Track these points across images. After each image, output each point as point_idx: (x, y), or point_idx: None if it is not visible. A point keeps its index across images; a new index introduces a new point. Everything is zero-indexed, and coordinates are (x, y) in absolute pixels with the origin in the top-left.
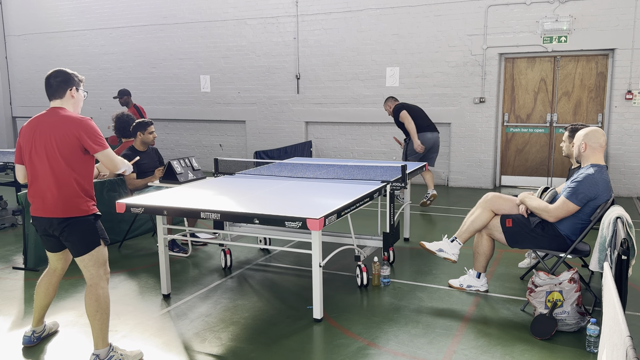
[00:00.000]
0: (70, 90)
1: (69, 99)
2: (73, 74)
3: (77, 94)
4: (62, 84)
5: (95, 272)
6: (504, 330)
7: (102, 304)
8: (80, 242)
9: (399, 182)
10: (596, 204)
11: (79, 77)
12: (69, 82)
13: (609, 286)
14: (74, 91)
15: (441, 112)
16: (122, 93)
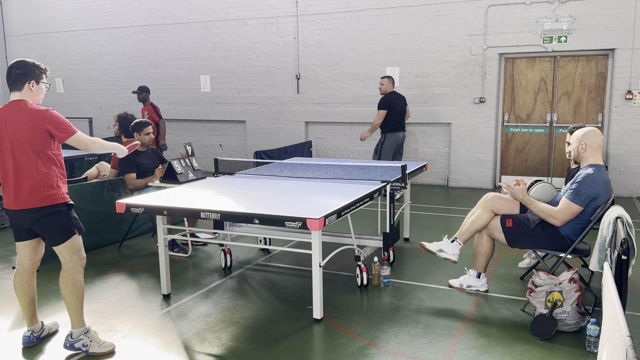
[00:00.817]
0: (29, 83)
1: (28, 91)
2: (35, 65)
3: (36, 87)
4: (20, 76)
5: (69, 258)
6: (504, 330)
7: (77, 288)
8: (56, 233)
9: (399, 182)
10: (597, 204)
11: (42, 68)
12: (28, 75)
13: (609, 286)
14: (33, 84)
15: (441, 112)
16: (141, 89)
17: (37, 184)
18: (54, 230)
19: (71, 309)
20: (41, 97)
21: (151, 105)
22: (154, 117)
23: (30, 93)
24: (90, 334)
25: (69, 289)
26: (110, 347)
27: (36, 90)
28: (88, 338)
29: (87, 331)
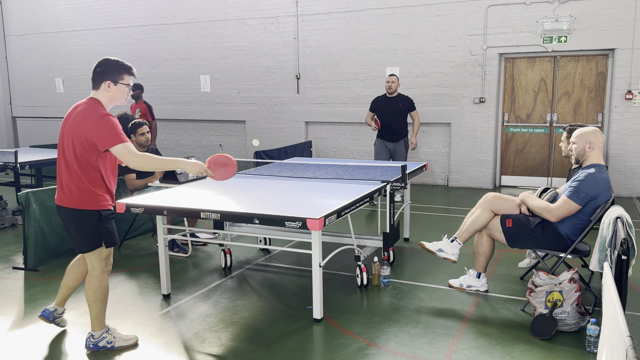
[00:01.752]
0: (105, 82)
1: (103, 91)
2: (116, 64)
3: (113, 87)
4: (98, 75)
5: (97, 265)
6: (504, 330)
7: (103, 295)
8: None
9: (399, 182)
10: (597, 204)
11: (124, 67)
12: (105, 74)
13: (609, 286)
14: (110, 85)
15: (441, 112)
16: (136, 86)
17: (79, 185)
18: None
19: (94, 312)
20: (120, 97)
21: (145, 104)
22: (148, 117)
23: (106, 93)
24: (112, 330)
25: (95, 295)
26: (134, 339)
27: (113, 91)
28: (111, 335)
29: (107, 329)
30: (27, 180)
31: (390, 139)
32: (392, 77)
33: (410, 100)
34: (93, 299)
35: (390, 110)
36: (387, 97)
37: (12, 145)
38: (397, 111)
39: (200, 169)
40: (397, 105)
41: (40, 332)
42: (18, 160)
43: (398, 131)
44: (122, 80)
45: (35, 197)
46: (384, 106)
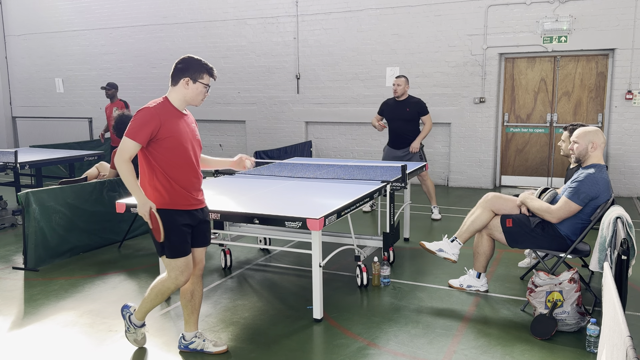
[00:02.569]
0: (184, 79)
1: (181, 88)
2: (198, 63)
3: (192, 85)
4: (178, 71)
5: (168, 271)
6: (504, 330)
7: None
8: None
9: (399, 182)
10: (597, 204)
11: (205, 67)
12: (186, 70)
13: (609, 286)
14: (189, 82)
15: (441, 112)
16: (111, 85)
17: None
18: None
19: (145, 303)
20: (197, 97)
21: (122, 102)
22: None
23: (182, 90)
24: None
25: (154, 292)
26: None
27: (191, 89)
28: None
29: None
30: (27, 180)
31: (397, 146)
32: (398, 79)
33: (422, 104)
34: (151, 293)
35: (397, 115)
36: (395, 100)
37: (12, 145)
38: (405, 116)
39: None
40: (405, 110)
41: (40, 332)
42: (18, 160)
43: (406, 137)
44: (202, 80)
45: (35, 197)
46: (392, 111)
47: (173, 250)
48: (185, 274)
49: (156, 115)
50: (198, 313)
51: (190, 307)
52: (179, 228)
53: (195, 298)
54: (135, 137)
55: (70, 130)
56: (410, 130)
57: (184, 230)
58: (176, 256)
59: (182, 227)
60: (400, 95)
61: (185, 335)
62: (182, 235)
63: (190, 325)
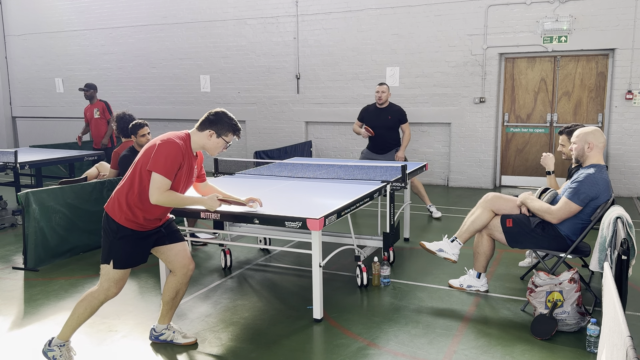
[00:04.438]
0: (209, 131)
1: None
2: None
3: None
4: (206, 121)
5: (100, 281)
6: (504, 330)
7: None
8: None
9: (399, 182)
10: (597, 204)
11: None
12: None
13: (609, 286)
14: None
15: (441, 112)
16: (89, 86)
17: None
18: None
19: (69, 321)
20: (215, 150)
21: (102, 102)
22: (107, 115)
23: (205, 139)
24: (66, 348)
25: (82, 306)
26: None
27: (213, 142)
28: (60, 352)
29: (63, 344)
30: (27, 180)
31: (378, 152)
32: (381, 86)
33: (402, 112)
34: (78, 308)
35: (379, 122)
36: (377, 107)
37: (12, 145)
38: (387, 124)
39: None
40: (387, 117)
41: (40, 332)
42: (18, 160)
43: (388, 143)
44: (226, 137)
45: (35, 197)
46: (373, 117)
47: (119, 261)
48: (118, 286)
49: (181, 154)
50: (175, 310)
51: (171, 304)
52: (133, 240)
53: (178, 297)
54: (168, 174)
55: (70, 130)
56: (392, 136)
57: (139, 243)
58: (119, 267)
59: (138, 240)
60: (384, 102)
61: (157, 327)
62: (134, 247)
63: (165, 320)
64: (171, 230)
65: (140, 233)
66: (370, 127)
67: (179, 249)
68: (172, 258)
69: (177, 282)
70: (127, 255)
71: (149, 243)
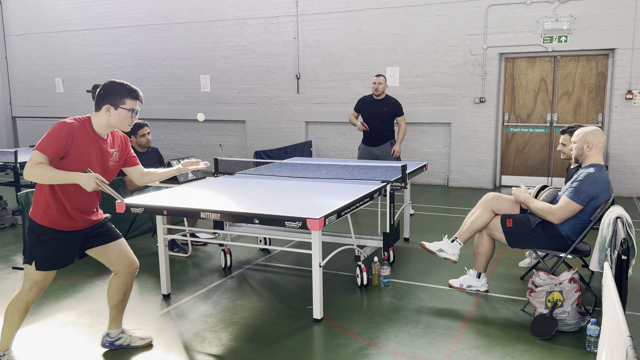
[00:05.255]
0: (105, 106)
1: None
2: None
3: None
4: (100, 97)
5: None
6: (504, 330)
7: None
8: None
9: (399, 182)
10: (597, 203)
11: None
12: (106, 97)
13: (609, 286)
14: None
15: (441, 112)
16: (96, 87)
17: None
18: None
19: (4, 331)
20: (122, 123)
21: None
22: None
23: (105, 117)
24: (7, 358)
25: (9, 312)
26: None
27: (113, 116)
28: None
29: (3, 354)
30: (27, 180)
31: (373, 144)
32: (379, 77)
33: (398, 105)
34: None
35: (375, 113)
36: (373, 98)
37: (12, 145)
38: (382, 116)
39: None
40: (383, 109)
41: (40, 332)
42: (18, 160)
43: (383, 135)
44: (124, 105)
45: None
46: (369, 108)
47: (41, 262)
48: (39, 286)
49: (66, 133)
50: (124, 311)
51: (120, 306)
52: (57, 243)
53: (126, 298)
54: (44, 149)
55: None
56: (386, 128)
57: (63, 245)
58: (41, 268)
59: (62, 242)
60: (380, 93)
61: (111, 333)
62: (57, 250)
63: (117, 324)
64: (105, 230)
65: (64, 234)
66: (366, 117)
67: (120, 248)
68: (114, 259)
69: (123, 283)
70: (50, 257)
71: (75, 244)
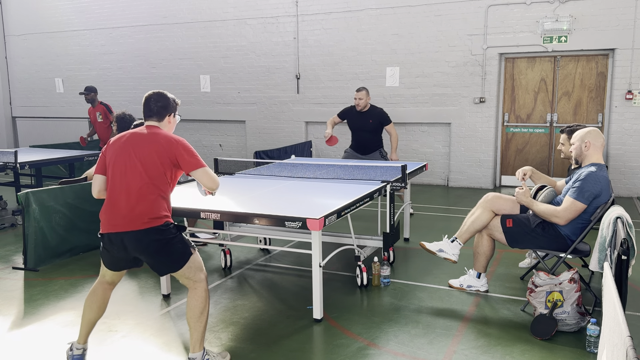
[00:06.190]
0: (169, 115)
1: (166, 124)
2: (172, 99)
3: (173, 119)
4: (162, 109)
5: (196, 277)
6: (504, 330)
7: (205, 304)
8: (170, 257)
9: (399, 182)
10: (598, 203)
11: (177, 101)
12: (168, 107)
13: (609, 286)
14: (172, 117)
15: (441, 112)
16: (90, 89)
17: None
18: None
19: (199, 333)
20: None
21: (102, 105)
22: (109, 117)
23: (168, 125)
24: (208, 351)
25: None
26: (228, 356)
27: (173, 123)
28: (212, 354)
29: (206, 351)
30: (27, 180)
31: (362, 152)
32: (359, 92)
33: (384, 114)
34: (201, 310)
35: (361, 126)
36: (358, 112)
37: (12, 145)
38: (368, 128)
39: None
40: (368, 121)
41: (41, 332)
42: (18, 160)
43: (371, 145)
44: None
45: (35, 197)
46: (355, 120)
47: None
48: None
49: None
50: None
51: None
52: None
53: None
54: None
55: (70, 130)
56: (375, 139)
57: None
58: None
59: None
60: (363, 107)
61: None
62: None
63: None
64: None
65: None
66: (353, 129)
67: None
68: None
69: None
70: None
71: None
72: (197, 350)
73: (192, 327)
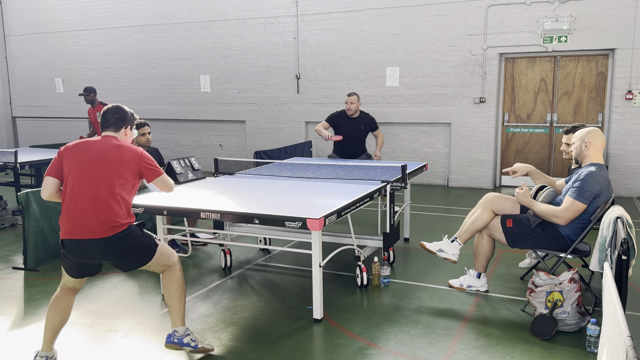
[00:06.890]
0: (125, 127)
1: (123, 135)
2: (130, 113)
3: (130, 132)
4: (119, 120)
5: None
6: (504, 330)
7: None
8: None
9: (399, 182)
10: (598, 203)
11: (136, 116)
12: (125, 120)
13: (609, 286)
14: (128, 130)
15: (441, 112)
16: (89, 90)
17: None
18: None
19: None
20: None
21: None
22: None
23: (124, 137)
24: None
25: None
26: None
27: (129, 136)
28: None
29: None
30: (27, 180)
31: (347, 157)
32: (351, 97)
33: (373, 121)
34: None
35: (352, 133)
36: (348, 117)
37: (12, 145)
38: (359, 134)
39: None
40: (360, 128)
41: (41, 332)
42: (18, 160)
43: (358, 150)
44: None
45: (35, 197)
46: (347, 127)
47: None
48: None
49: None
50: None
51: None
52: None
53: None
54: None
55: (70, 130)
56: (362, 144)
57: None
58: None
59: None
60: (354, 112)
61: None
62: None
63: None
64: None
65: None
66: (343, 135)
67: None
68: None
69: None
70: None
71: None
72: (179, 324)
73: (173, 305)
